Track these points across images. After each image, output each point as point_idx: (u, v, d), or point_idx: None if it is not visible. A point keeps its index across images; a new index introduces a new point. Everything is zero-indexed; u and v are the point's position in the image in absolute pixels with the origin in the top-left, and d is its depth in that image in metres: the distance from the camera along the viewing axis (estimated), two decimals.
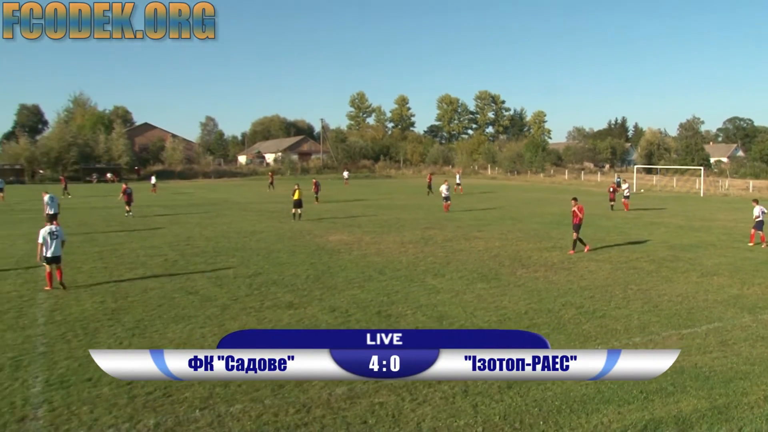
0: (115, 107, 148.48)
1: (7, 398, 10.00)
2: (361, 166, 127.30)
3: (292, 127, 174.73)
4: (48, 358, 11.93)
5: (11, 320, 14.68)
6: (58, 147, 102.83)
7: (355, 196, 59.84)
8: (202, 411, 9.42)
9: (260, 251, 24.70)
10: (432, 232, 30.26)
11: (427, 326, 13.90)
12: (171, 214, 42.31)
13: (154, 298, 16.82)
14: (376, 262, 22.12)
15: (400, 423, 8.98)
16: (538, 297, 16.67)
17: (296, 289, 17.82)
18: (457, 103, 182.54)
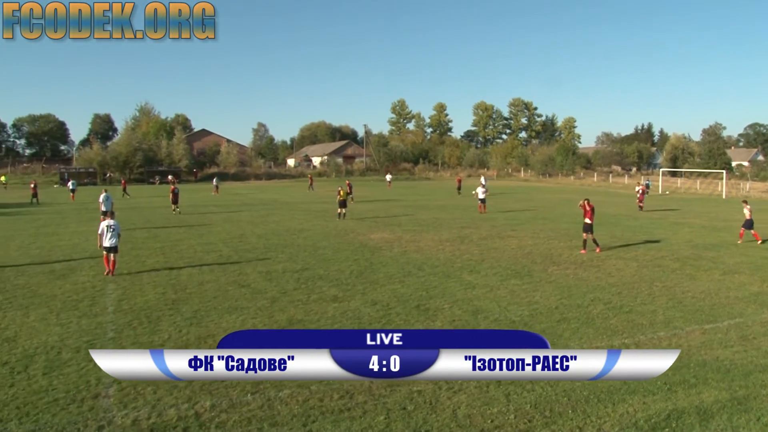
0: (176, 115, 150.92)
1: (84, 377, 10.32)
2: (402, 168, 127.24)
3: (338, 132, 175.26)
4: (117, 343, 12.25)
5: (85, 308, 15.09)
6: (125, 152, 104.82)
7: (396, 197, 59.85)
8: (254, 395, 9.57)
9: (307, 248, 24.89)
10: (468, 231, 30.17)
11: (462, 319, 13.91)
12: (225, 213, 42.81)
13: (210, 290, 17.09)
14: (415, 258, 22.15)
15: (437, 410, 9.01)
16: (569, 293, 16.54)
17: (340, 283, 17.94)
18: (492, 110, 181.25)
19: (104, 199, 34.50)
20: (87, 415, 8.87)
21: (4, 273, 19.75)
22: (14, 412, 8.96)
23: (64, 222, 36.44)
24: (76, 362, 11.12)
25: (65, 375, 10.47)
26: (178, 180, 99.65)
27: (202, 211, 43.95)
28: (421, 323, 13.56)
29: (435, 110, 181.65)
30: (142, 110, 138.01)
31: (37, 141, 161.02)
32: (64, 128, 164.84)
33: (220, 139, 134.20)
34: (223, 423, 8.59)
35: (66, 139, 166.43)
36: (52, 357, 11.44)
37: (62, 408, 9.10)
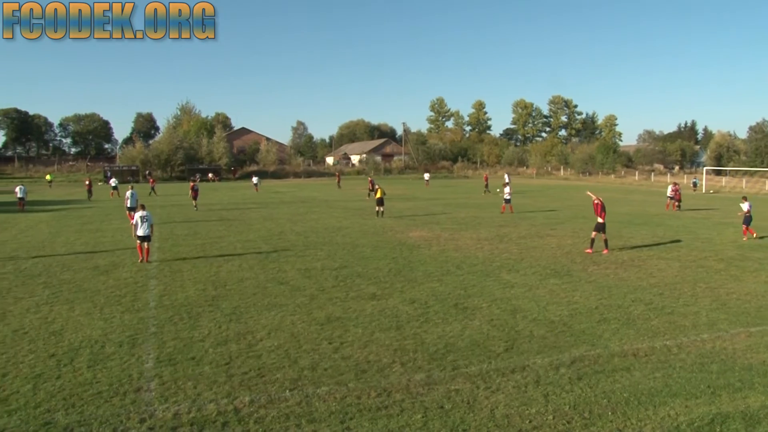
0: (216, 113, 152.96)
1: (126, 371, 10.55)
2: (440, 167, 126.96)
3: (376, 131, 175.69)
4: (158, 338, 12.45)
5: (128, 303, 15.40)
6: (167, 150, 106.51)
7: (434, 195, 59.72)
8: (292, 391, 9.65)
9: (346, 246, 24.99)
10: (506, 230, 29.97)
11: (501, 319, 13.82)
12: (265, 210, 43.18)
13: (249, 287, 17.27)
14: (453, 257, 22.08)
15: (474, 409, 8.98)
16: (609, 293, 16.33)
17: (379, 281, 17.97)
18: (532, 108, 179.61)
19: (130, 195, 35.52)
20: (129, 408, 9.04)
21: (51, 268, 20.24)
22: (61, 403, 9.19)
23: (108, 219, 37.16)
24: (118, 356, 11.35)
25: (108, 368, 10.70)
26: (219, 178, 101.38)
27: (242, 209, 44.38)
28: (459, 322, 13.51)
29: (474, 108, 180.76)
30: (183, 109, 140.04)
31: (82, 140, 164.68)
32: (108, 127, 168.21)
33: (260, 138, 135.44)
34: (262, 418, 8.68)
35: (110, 137, 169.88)
36: (96, 351, 11.70)
37: (106, 400, 9.30)
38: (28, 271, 19.78)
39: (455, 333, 12.71)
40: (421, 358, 11.17)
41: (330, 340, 12.30)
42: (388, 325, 13.29)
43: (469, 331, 12.87)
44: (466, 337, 12.45)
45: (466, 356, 11.25)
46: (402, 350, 11.61)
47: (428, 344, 11.96)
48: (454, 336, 12.50)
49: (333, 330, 12.97)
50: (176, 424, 8.50)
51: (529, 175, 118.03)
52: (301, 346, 11.93)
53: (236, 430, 8.35)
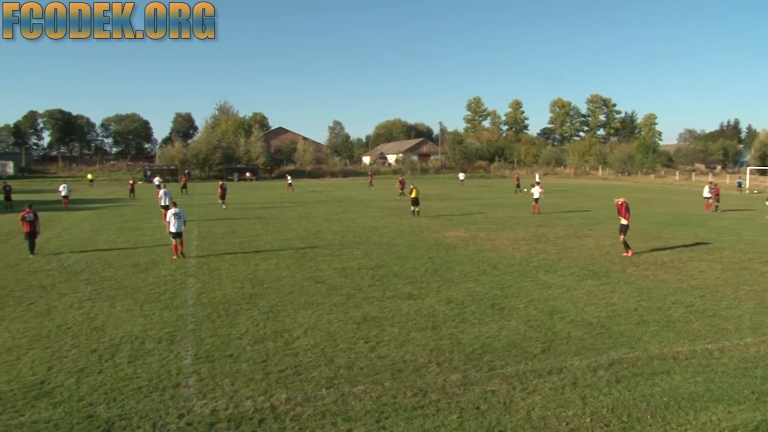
0: (253, 113, 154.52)
1: (165, 367, 10.73)
2: (477, 166, 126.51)
3: (413, 130, 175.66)
4: (196, 335, 12.63)
5: (167, 300, 15.65)
6: (205, 150, 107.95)
7: (471, 195, 59.46)
8: (328, 389, 9.70)
9: (382, 245, 25.03)
10: (544, 230, 29.71)
11: (538, 320, 13.72)
12: (302, 210, 43.45)
13: (286, 285, 17.40)
14: (490, 257, 21.97)
15: (510, 410, 8.93)
16: (648, 295, 16.08)
17: (415, 281, 17.97)
18: (569, 107, 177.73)
19: (164, 194, 36.27)
20: (168, 403, 9.19)
21: (93, 265, 20.65)
22: (102, 397, 9.39)
23: (147, 217, 37.76)
24: (158, 352, 11.55)
25: (148, 364, 10.89)
26: (256, 177, 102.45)
27: (279, 208, 44.73)
28: (495, 322, 13.44)
29: (511, 107, 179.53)
30: (221, 109, 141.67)
31: (123, 139, 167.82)
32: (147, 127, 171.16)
33: (297, 137, 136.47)
34: (298, 416, 8.75)
35: (149, 137, 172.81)
36: (137, 346, 11.92)
37: (145, 395, 9.47)
38: (72, 268, 20.22)
39: (492, 333, 12.65)
40: (458, 358, 11.15)
41: (366, 339, 12.34)
42: (425, 325, 13.29)
43: (505, 331, 12.80)
44: (502, 337, 12.38)
45: (502, 357, 11.19)
46: (438, 350, 11.60)
47: (464, 344, 11.93)
48: (490, 336, 12.44)
49: (369, 329, 13.01)
50: (214, 420, 8.61)
51: (566, 175, 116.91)
52: (338, 344, 11.99)
53: (273, 427, 8.43)
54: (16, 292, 16.72)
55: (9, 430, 8.39)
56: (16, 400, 9.35)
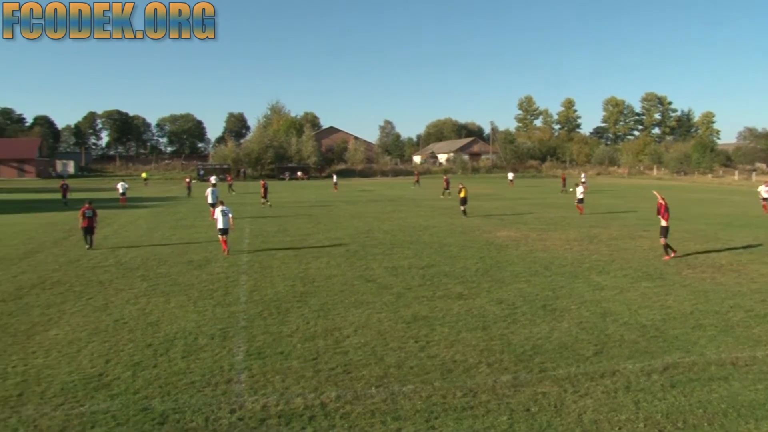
0: (305, 113, 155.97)
1: (218, 363, 10.93)
2: (528, 166, 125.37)
3: (464, 129, 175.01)
4: (248, 332, 12.82)
5: (220, 297, 15.92)
6: (257, 149, 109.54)
7: (522, 195, 58.92)
8: (378, 388, 9.74)
9: (433, 245, 24.98)
10: (596, 231, 29.25)
11: (590, 321, 13.51)
12: (352, 208, 43.66)
13: (337, 284, 17.52)
14: (541, 257, 21.74)
15: (561, 413, 8.82)
16: (705, 298, 15.67)
17: (466, 281, 17.89)
18: (623, 105, 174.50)
19: (211, 192, 37.57)
20: (220, 398, 9.36)
21: (148, 262, 21.14)
22: (157, 391, 9.62)
23: (201, 215, 38.42)
24: (210, 348, 11.76)
25: (201, 359, 11.10)
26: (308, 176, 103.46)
27: (330, 207, 45.03)
28: (547, 324, 13.30)
29: (563, 106, 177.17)
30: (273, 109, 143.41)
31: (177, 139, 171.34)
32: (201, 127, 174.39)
33: (348, 137, 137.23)
34: (348, 414, 8.80)
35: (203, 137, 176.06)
36: (190, 342, 12.16)
37: (198, 390, 9.66)
38: (128, 265, 20.74)
39: (543, 335, 12.52)
40: (508, 359, 11.07)
41: (416, 338, 12.35)
42: (475, 325, 13.22)
43: (557, 333, 12.65)
44: (554, 339, 12.24)
45: (553, 359, 11.06)
46: (488, 351, 11.54)
47: (515, 345, 11.84)
48: (541, 338, 12.32)
49: (419, 329, 13.01)
50: (264, 416, 8.73)
51: (620, 175, 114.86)
52: (388, 343, 12.02)
53: (322, 424, 8.50)
54: (76, 287, 17.24)
55: (70, 419, 8.67)
56: (77, 391, 9.65)
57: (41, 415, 8.81)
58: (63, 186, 50.25)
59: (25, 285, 17.61)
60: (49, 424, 8.53)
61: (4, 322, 13.72)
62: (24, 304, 15.39)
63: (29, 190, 52.92)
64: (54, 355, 11.42)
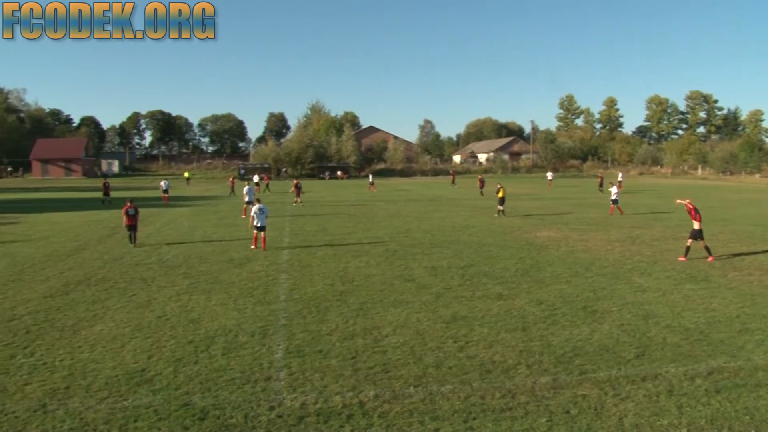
0: (345, 112, 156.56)
1: (257, 360, 11.05)
2: (570, 165, 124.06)
3: (504, 129, 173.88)
4: (288, 330, 12.93)
5: (260, 295, 16.09)
6: (297, 148, 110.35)
7: (563, 195, 58.31)
8: (416, 388, 9.74)
9: (472, 244, 24.88)
10: (639, 232, 28.80)
11: (632, 324, 13.32)
12: (392, 208, 43.70)
13: (376, 283, 17.56)
14: (582, 258, 21.50)
15: (602, 416, 8.70)
16: (752, 301, 15.30)
17: (505, 281, 17.78)
18: (667, 104, 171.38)
19: (247, 191, 38.32)
20: (260, 395, 9.46)
21: (190, 260, 21.46)
22: (198, 387, 9.76)
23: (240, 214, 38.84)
24: (250, 346, 11.89)
25: (241, 357, 11.23)
26: (348, 176, 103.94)
27: (369, 206, 45.15)
28: (587, 325, 13.14)
29: (605, 105, 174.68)
30: (313, 108, 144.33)
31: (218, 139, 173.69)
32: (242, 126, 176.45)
33: (388, 136, 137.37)
34: (386, 413, 8.82)
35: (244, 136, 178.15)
36: (230, 339, 12.31)
37: (238, 387, 9.78)
38: (170, 262, 21.08)
39: (583, 336, 12.38)
40: (548, 360, 10.97)
41: (455, 338, 12.32)
42: (514, 326, 13.14)
43: (597, 335, 12.50)
44: (594, 341, 12.10)
45: (594, 361, 10.93)
46: (528, 352, 11.45)
47: (555, 347, 11.73)
48: (582, 339, 12.18)
49: (458, 329, 12.98)
50: (303, 414, 8.79)
51: (663, 175, 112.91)
52: (426, 343, 12.02)
53: (361, 423, 8.53)
54: (120, 284, 17.60)
55: (114, 412, 8.86)
56: (120, 385, 9.86)
57: (87, 408, 9.02)
58: (105, 184, 51.51)
59: (71, 281, 18.05)
60: (94, 416, 8.73)
61: (52, 317, 14.09)
62: (70, 299, 15.78)
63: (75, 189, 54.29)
64: (99, 350, 11.69)
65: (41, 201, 54.78)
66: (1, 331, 12.95)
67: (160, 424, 8.48)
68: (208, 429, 8.35)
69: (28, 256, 22.52)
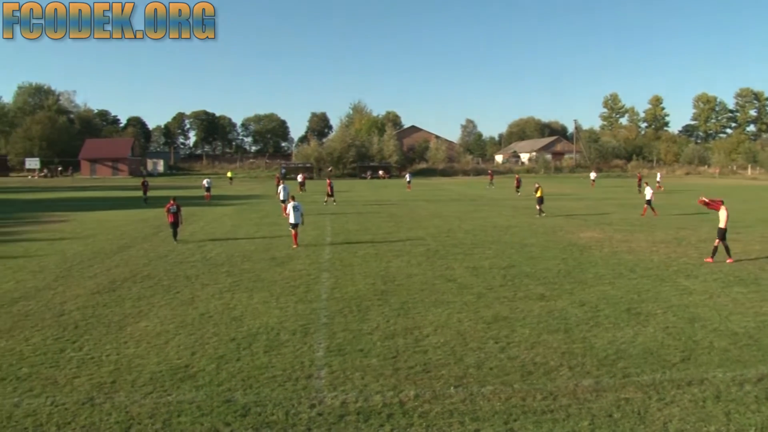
0: (387, 112, 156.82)
1: (299, 358, 11.16)
2: (614, 165, 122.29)
3: (546, 128, 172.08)
4: (329, 329, 13.01)
5: (302, 294, 16.22)
6: (339, 148, 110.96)
7: (606, 195, 57.46)
8: (456, 388, 9.71)
9: (514, 245, 24.71)
10: (685, 233, 28.24)
11: (677, 327, 13.08)
12: (433, 208, 43.61)
13: (417, 283, 17.54)
14: (626, 260, 21.17)
15: (645, 421, 8.56)
16: None
17: (547, 282, 17.62)
18: (715, 102, 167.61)
19: (282, 189, 38.99)
20: (301, 393, 9.54)
21: (233, 258, 21.73)
22: (240, 384, 9.89)
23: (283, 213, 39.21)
24: (292, 344, 12.00)
25: (283, 355, 11.34)
26: (389, 175, 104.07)
27: (411, 206, 45.13)
28: (631, 328, 12.94)
29: (650, 104, 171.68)
30: (355, 108, 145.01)
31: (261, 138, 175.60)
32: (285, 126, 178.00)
33: (429, 136, 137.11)
34: (426, 413, 8.82)
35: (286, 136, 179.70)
36: (272, 337, 12.44)
37: (279, 384, 9.87)
38: (213, 260, 21.38)
39: (627, 339, 12.20)
40: (590, 363, 10.84)
41: (496, 339, 12.25)
42: (556, 327, 13.01)
43: (641, 337, 12.30)
44: (638, 344, 11.91)
45: (637, 364, 10.76)
46: (570, 354, 11.33)
47: (597, 349, 11.58)
48: (625, 342, 12.00)
49: (500, 329, 12.90)
50: (343, 413, 8.84)
51: (710, 175, 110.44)
52: (467, 343, 11.98)
53: (401, 422, 8.55)
54: (165, 282, 17.92)
55: (158, 407, 9.03)
56: (165, 381, 10.05)
57: (132, 402, 9.22)
58: (144, 183, 52.70)
59: (117, 278, 18.45)
60: (139, 411, 8.91)
61: (99, 312, 14.43)
62: (117, 296, 16.13)
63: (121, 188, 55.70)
64: (144, 346, 11.93)
65: (89, 200, 56.07)
66: (52, 326, 13.33)
67: (202, 420, 8.62)
68: (249, 425, 8.46)
69: (77, 253, 23.11)
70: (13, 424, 8.53)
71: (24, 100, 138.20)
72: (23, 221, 36.25)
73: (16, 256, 22.72)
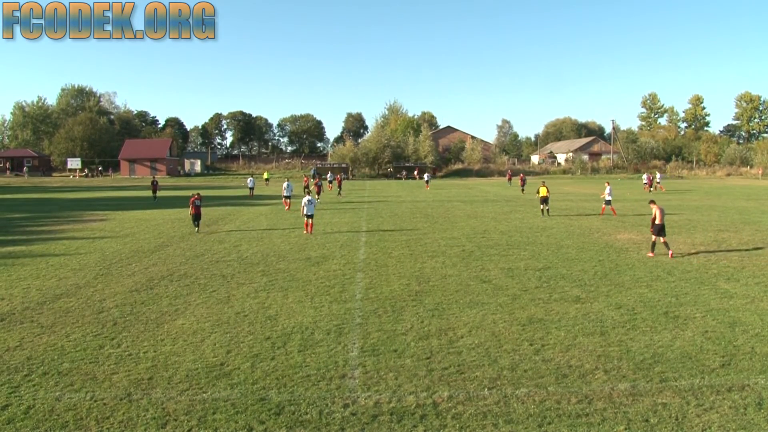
0: (422, 112, 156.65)
1: (333, 358, 11.21)
2: (652, 166, 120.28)
3: (583, 128, 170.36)
4: (363, 329, 13.05)
5: (336, 294, 16.29)
6: (375, 148, 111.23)
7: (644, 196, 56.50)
8: (491, 390, 9.67)
9: (550, 246, 24.51)
10: (726, 235, 27.70)
11: (717, 331, 12.84)
12: (469, 208, 43.44)
13: (452, 284, 17.50)
14: (664, 262, 20.85)
15: (683, 427, 8.42)
16: None
17: (583, 284, 17.44)
18: (759, 101, 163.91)
19: (286, 186, 41.10)
20: (334, 392, 9.59)
21: (268, 258, 21.91)
22: (274, 383, 9.98)
23: (318, 214, 39.31)
24: (326, 343, 12.07)
25: (317, 354, 11.41)
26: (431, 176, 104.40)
27: (447, 206, 45.00)
28: (669, 331, 12.75)
29: (690, 103, 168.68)
30: (390, 109, 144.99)
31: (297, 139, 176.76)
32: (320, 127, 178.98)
33: (465, 136, 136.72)
34: (460, 414, 8.80)
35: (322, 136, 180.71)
36: (306, 336, 12.52)
37: (313, 384, 9.94)
38: (249, 260, 21.58)
39: (664, 343, 12.02)
40: (626, 366, 10.71)
41: (531, 341, 12.17)
42: (592, 330, 12.88)
43: (679, 341, 12.11)
44: (676, 348, 11.73)
45: (675, 368, 10.60)
46: (606, 357, 11.21)
47: (634, 353, 11.43)
48: (663, 346, 11.83)
49: (534, 331, 12.82)
50: (377, 413, 8.87)
51: (753, 176, 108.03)
52: (502, 345, 11.92)
53: (434, 423, 8.54)
54: (201, 280, 18.15)
55: (194, 404, 9.16)
56: (200, 378, 10.19)
57: (168, 398, 9.37)
58: (153, 182, 54.01)
59: (155, 276, 18.74)
60: (175, 407, 9.05)
61: (137, 310, 14.68)
62: (154, 294, 16.39)
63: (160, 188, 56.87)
64: (180, 344, 12.10)
65: (128, 199, 57.04)
66: (92, 323, 13.60)
67: (237, 417, 8.72)
68: (283, 424, 8.53)
69: (116, 252, 23.53)
70: (55, 418, 8.73)
71: (67, 101, 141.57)
72: (65, 220, 37.03)
73: (57, 254, 23.23)
